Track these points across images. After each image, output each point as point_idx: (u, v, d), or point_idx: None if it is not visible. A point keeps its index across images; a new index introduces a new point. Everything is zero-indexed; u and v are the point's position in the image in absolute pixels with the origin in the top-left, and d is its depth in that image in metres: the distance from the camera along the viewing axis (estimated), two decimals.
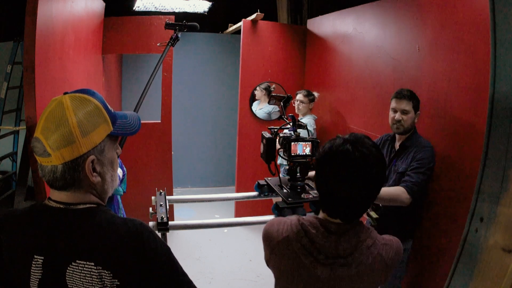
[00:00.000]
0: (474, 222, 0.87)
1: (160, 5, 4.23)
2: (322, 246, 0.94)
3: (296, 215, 1.04)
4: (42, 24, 1.76)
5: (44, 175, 0.79)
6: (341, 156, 0.90)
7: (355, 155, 0.89)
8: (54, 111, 0.77)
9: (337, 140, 0.94)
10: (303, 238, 0.95)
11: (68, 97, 0.79)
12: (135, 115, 0.93)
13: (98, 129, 0.80)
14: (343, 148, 0.91)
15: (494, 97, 0.85)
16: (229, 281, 2.95)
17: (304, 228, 0.96)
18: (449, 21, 1.91)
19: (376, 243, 0.97)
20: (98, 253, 0.75)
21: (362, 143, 0.92)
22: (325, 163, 0.94)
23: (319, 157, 0.97)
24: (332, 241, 0.94)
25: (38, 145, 0.77)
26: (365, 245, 0.95)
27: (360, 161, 0.89)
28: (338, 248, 0.93)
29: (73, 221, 0.78)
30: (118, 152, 0.89)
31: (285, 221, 1.02)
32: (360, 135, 0.95)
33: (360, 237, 0.95)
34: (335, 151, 0.92)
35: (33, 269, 0.76)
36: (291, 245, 0.96)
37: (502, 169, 0.81)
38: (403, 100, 1.90)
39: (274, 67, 3.74)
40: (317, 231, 0.95)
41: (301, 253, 0.95)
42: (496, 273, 0.79)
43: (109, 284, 0.75)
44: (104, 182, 0.84)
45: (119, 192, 2.18)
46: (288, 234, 0.97)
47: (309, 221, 0.98)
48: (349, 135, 0.96)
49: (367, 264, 0.94)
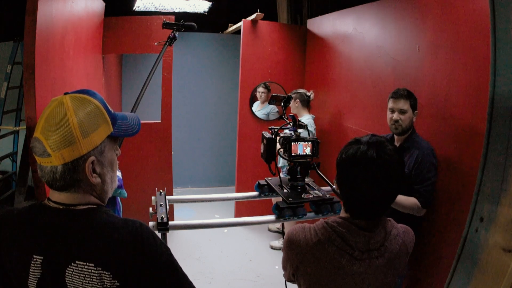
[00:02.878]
0: (474, 222, 0.87)
1: (160, 5, 4.22)
2: (356, 243, 0.99)
3: (321, 220, 1.07)
4: (42, 24, 1.76)
5: (44, 176, 0.78)
6: (368, 161, 0.95)
7: (380, 160, 0.95)
8: (54, 111, 0.77)
9: (361, 146, 0.98)
10: (336, 239, 1.00)
11: (68, 97, 0.78)
12: (135, 116, 0.93)
13: (99, 130, 0.79)
14: (369, 154, 0.96)
15: (494, 97, 0.85)
16: (229, 281, 2.95)
17: (334, 230, 1.01)
18: (449, 21, 1.91)
19: (399, 232, 1.06)
20: (98, 254, 0.75)
21: (384, 147, 0.97)
22: (352, 167, 0.99)
23: (343, 162, 1.01)
24: (364, 236, 1.00)
25: (38, 145, 0.76)
26: (392, 235, 1.04)
27: (385, 165, 0.95)
28: (370, 242, 1.00)
29: (72, 222, 0.78)
30: (117, 153, 0.89)
31: (308, 227, 1.05)
32: (381, 139, 1.00)
33: (386, 228, 1.04)
34: (360, 157, 0.96)
35: (32, 269, 0.76)
36: (325, 248, 1.00)
37: (502, 169, 0.81)
38: (400, 100, 1.90)
39: (274, 67, 3.74)
40: (348, 230, 1.00)
41: (337, 254, 0.99)
42: (496, 273, 0.79)
43: (109, 285, 0.75)
44: (104, 183, 0.84)
45: (124, 195, 2.18)
46: (319, 238, 1.01)
47: (337, 222, 1.03)
48: (369, 138, 1.00)
49: (395, 252, 1.03)
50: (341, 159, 1.01)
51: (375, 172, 0.95)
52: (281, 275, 1.20)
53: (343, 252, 0.99)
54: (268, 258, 3.34)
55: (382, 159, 0.95)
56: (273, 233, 3.81)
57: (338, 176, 1.04)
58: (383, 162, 0.95)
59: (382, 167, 0.95)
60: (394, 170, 0.96)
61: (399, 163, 0.98)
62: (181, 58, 4.49)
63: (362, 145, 0.97)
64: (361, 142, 0.99)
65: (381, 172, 0.95)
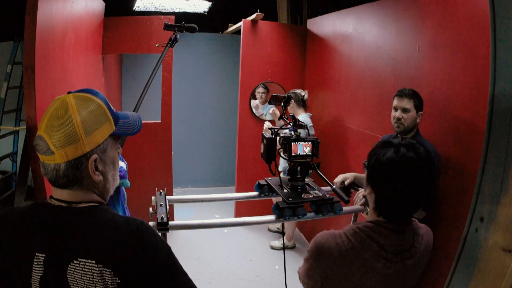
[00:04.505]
0: (474, 222, 0.87)
1: (160, 5, 4.22)
2: (391, 246, 1.01)
3: (350, 226, 1.08)
4: (42, 24, 1.76)
5: (47, 173, 0.79)
6: (409, 163, 0.97)
7: (418, 161, 0.97)
8: (58, 110, 0.77)
9: (400, 148, 0.99)
10: (370, 244, 1.01)
11: (72, 96, 0.79)
12: (136, 116, 0.94)
13: (101, 128, 0.80)
14: (409, 156, 0.97)
15: (494, 97, 0.85)
16: (229, 281, 2.95)
17: (368, 234, 1.02)
18: (449, 21, 1.91)
19: (423, 231, 1.10)
20: (99, 251, 0.76)
21: (418, 148, 0.99)
22: (394, 170, 0.99)
23: (383, 165, 1.00)
24: (397, 239, 1.02)
25: (41, 143, 0.77)
26: (419, 235, 1.07)
27: (422, 166, 0.98)
28: (403, 244, 1.03)
29: (74, 219, 0.79)
30: (119, 152, 0.90)
31: (338, 233, 1.05)
32: (411, 141, 1.02)
33: (414, 229, 1.07)
34: (402, 159, 0.98)
35: (35, 267, 0.77)
36: (360, 254, 1.00)
37: (502, 169, 0.81)
38: (404, 98, 1.91)
39: (274, 67, 3.74)
40: (381, 233, 1.02)
41: (372, 259, 1.00)
42: (496, 273, 0.78)
43: (110, 282, 0.75)
44: (106, 181, 0.85)
45: (128, 185, 2.18)
46: (353, 244, 1.01)
47: (368, 226, 1.03)
48: (401, 140, 1.02)
49: (422, 251, 1.06)
50: (379, 163, 1.01)
51: (415, 173, 0.97)
52: (281, 275, 1.20)
53: (378, 256, 1.00)
54: (268, 258, 3.34)
55: (419, 160, 0.97)
56: (273, 233, 3.81)
57: (375, 181, 1.03)
58: (421, 163, 0.97)
59: (421, 168, 0.97)
60: (429, 171, 0.99)
61: (432, 163, 1.01)
62: (181, 58, 4.49)
63: (401, 148, 0.99)
64: (394, 144, 1.00)
65: (419, 173, 0.97)
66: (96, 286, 0.75)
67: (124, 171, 2.12)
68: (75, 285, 0.76)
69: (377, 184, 1.03)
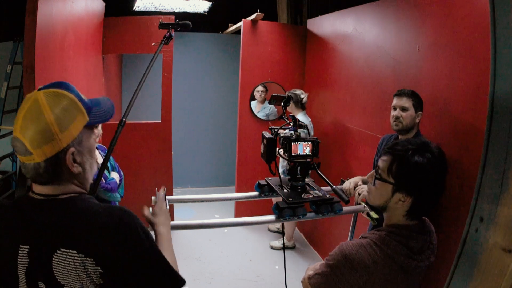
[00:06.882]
0: (474, 222, 0.87)
1: (160, 5, 4.23)
2: (420, 248, 1.07)
3: (376, 233, 1.09)
4: (42, 24, 1.76)
5: (27, 172, 0.81)
6: (445, 166, 1.06)
7: (445, 163, 1.06)
8: (30, 110, 0.78)
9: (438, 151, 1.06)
10: (402, 249, 1.04)
11: (42, 93, 0.79)
12: (107, 100, 0.94)
13: (75, 122, 0.81)
14: (444, 159, 1.05)
15: (494, 97, 0.85)
16: (229, 281, 2.95)
17: (397, 240, 1.05)
18: (449, 21, 1.91)
19: (432, 228, 1.18)
20: (79, 241, 0.77)
21: (431, 149, 1.06)
22: (437, 172, 1.04)
23: (424, 168, 1.03)
24: (423, 239, 1.08)
25: (18, 145, 0.78)
26: (432, 231, 1.16)
27: (445, 166, 1.06)
28: (425, 243, 1.09)
29: (55, 211, 0.80)
30: (98, 131, 0.90)
31: (367, 242, 1.07)
32: (425, 140, 1.10)
33: (430, 227, 1.16)
34: (441, 162, 1.05)
35: (20, 259, 0.78)
36: (394, 260, 1.03)
37: (502, 169, 0.81)
38: (403, 97, 1.92)
39: (274, 67, 3.74)
40: (409, 236, 1.05)
41: (404, 263, 1.03)
42: (496, 273, 0.79)
43: (92, 272, 0.76)
44: (84, 171, 0.86)
45: (117, 199, 2.17)
46: (386, 252, 1.03)
47: (395, 233, 1.06)
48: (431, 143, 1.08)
49: (434, 247, 1.14)
50: (421, 166, 1.02)
51: (446, 171, 1.06)
52: (281, 275, 1.20)
53: (410, 260, 1.04)
54: (268, 258, 3.34)
55: (444, 157, 1.05)
56: (273, 233, 3.81)
57: (414, 184, 1.04)
58: (445, 160, 1.06)
59: (447, 169, 1.06)
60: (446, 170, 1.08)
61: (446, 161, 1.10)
62: (181, 58, 4.49)
63: (436, 150, 1.05)
64: (431, 147, 1.05)
65: (445, 172, 1.06)
66: (79, 276, 0.76)
67: (113, 183, 2.09)
68: (60, 275, 0.77)
69: (417, 187, 1.04)
